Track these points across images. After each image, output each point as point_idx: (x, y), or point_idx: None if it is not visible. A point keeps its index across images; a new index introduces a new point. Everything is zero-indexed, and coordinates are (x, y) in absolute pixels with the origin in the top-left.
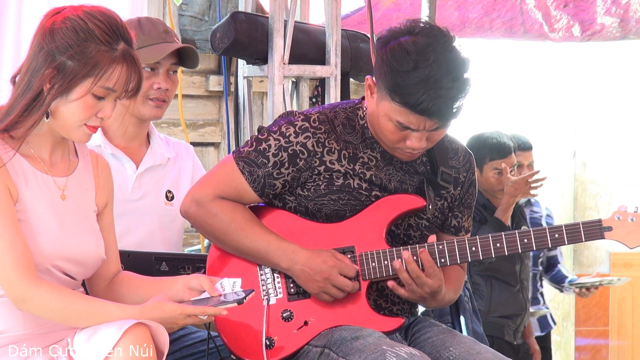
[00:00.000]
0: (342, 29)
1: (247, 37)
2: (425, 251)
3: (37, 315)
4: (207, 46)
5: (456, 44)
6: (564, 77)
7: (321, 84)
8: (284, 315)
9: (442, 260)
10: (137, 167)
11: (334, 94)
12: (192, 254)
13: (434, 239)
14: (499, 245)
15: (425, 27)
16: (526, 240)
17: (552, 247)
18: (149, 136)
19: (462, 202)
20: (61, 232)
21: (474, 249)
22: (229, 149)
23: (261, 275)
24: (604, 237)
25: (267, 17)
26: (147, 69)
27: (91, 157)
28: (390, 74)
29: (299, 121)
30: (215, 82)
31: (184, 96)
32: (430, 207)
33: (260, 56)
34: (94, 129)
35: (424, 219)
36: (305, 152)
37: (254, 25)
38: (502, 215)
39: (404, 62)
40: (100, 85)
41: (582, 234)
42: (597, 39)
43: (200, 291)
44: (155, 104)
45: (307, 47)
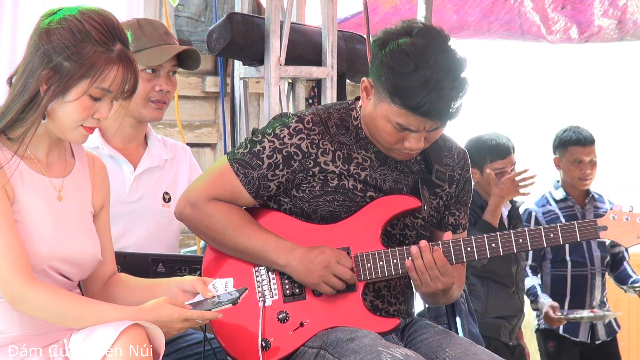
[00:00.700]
0: (338, 30)
1: (243, 38)
2: (439, 250)
3: (33, 315)
4: (204, 47)
5: (452, 44)
6: (561, 79)
7: (317, 85)
8: (280, 316)
9: None
10: (134, 169)
11: (330, 95)
12: (188, 255)
13: (449, 236)
14: (494, 245)
15: (421, 28)
16: (521, 240)
17: (547, 246)
18: (146, 138)
19: (459, 200)
20: (57, 233)
21: (469, 249)
22: (225, 150)
23: (257, 276)
24: (599, 237)
25: (264, 18)
26: (148, 71)
27: (87, 158)
28: (390, 76)
29: (292, 123)
30: (211, 83)
31: (181, 97)
32: (425, 207)
33: (256, 57)
34: (91, 130)
35: (420, 218)
36: (299, 153)
37: (250, 26)
38: (491, 217)
39: (404, 64)
40: (96, 86)
41: (578, 234)
42: (595, 41)
43: (193, 293)
44: (156, 105)
45: (304, 48)
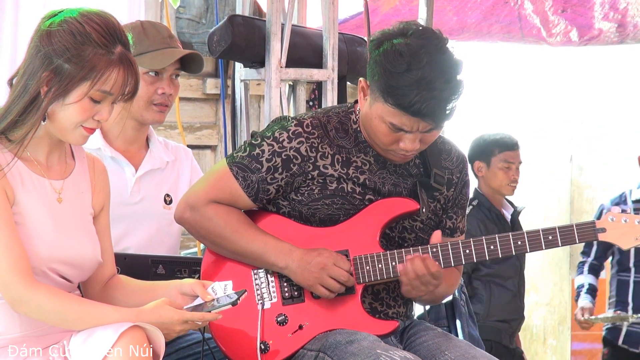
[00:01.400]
0: (339, 33)
1: (244, 41)
2: (429, 257)
3: (33, 317)
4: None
5: (449, 46)
6: (561, 82)
7: (318, 88)
8: (279, 319)
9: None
10: (136, 171)
11: (330, 97)
12: (188, 257)
13: (438, 235)
14: (492, 247)
15: (418, 29)
16: (520, 242)
17: (546, 248)
18: (148, 140)
19: (456, 203)
20: (57, 235)
21: (467, 251)
22: (226, 152)
23: (255, 279)
24: (597, 239)
25: (265, 21)
26: (151, 74)
27: (88, 160)
28: (383, 76)
29: (292, 126)
30: (212, 85)
31: (181, 99)
32: (423, 209)
33: (257, 59)
34: (91, 131)
35: (418, 221)
36: (298, 157)
37: (251, 28)
38: None
39: (396, 63)
40: (97, 88)
41: (576, 236)
42: (595, 44)
43: (192, 296)
44: (158, 108)
45: (304, 50)
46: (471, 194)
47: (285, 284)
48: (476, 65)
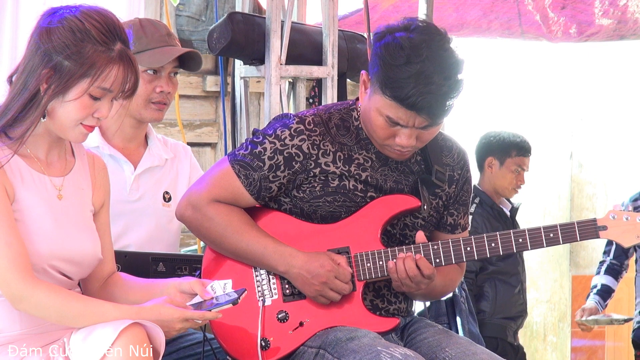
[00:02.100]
0: (339, 30)
1: (244, 38)
2: (422, 258)
3: (33, 314)
4: (204, 46)
5: (452, 45)
6: (561, 78)
7: (318, 85)
8: (279, 316)
9: (437, 260)
10: (135, 168)
11: (330, 94)
12: (188, 254)
13: (421, 235)
14: (493, 245)
15: (422, 25)
16: (521, 240)
17: (547, 246)
18: (147, 137)
19: (457, 200)
20: (57, 232)
21: (468, 249)
22: (226, 150)
23: (256, 276)
24: (599, 237)
25: (264, 18)
26: (150, 72)
27: (88, 157)
28: (382, 68)
29: (293, 124)
30: (212, 83)
31: (181, 96)
32: (425, 206)
33: (257, 57)
34: (91, 129)
35: (420, 218)
36: (300, 154)
37: (251, 25)
38: None
39: (396, 56)
40: (96, 85)
41: (577, 234)
42: (595, 40)
43: (191, 294)
44: (157, 107)
45: (304, 47)
46: None
47: (286, 281)
48: (476, 61)
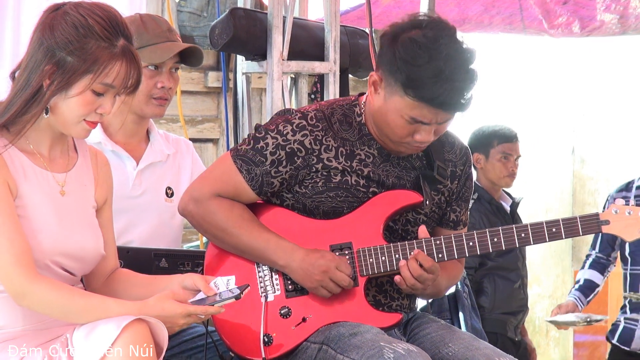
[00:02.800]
0: (341, 25)
1: (245, 33)
2: (420, 252)
3: (36, 310)
4: (206, 42)
5: (459, 36)
6: (563, 73)
7: (320, 80)
8: (282, 312)
9: (440, 256)
10: (137, 164)
11: (332, 90)
12: (191, 250)
13: (424, 229)
14: (496, 240)
15: (429, 20)
16: (523, 234)
17: (549, 241)
18: (148, 133)
19: (460, 196)
20: (60, 228)
21: (471, 244)
22: (228, 145)
23: (259, 272)
24: (601, 231)
25: (266, 13)
26: (151, 68)
27: (90, 153)
28: (403, 69)
29: (296, 119)
30: (213, 78)
31: (183, 92)
32: (427, 202)
33: (259, 52)
34: (93, 125)
35: (422, 214)
36: (302, 150)
37: (252, 21)
38: None
39: (417, 56)
40: (99, 81)
41: (580, 228)
42: (597, 35)
43: (194, 290)
44: (158, 102)
45: (306, 43)
46: None
47: (288, 277)
48: (478, 57)
